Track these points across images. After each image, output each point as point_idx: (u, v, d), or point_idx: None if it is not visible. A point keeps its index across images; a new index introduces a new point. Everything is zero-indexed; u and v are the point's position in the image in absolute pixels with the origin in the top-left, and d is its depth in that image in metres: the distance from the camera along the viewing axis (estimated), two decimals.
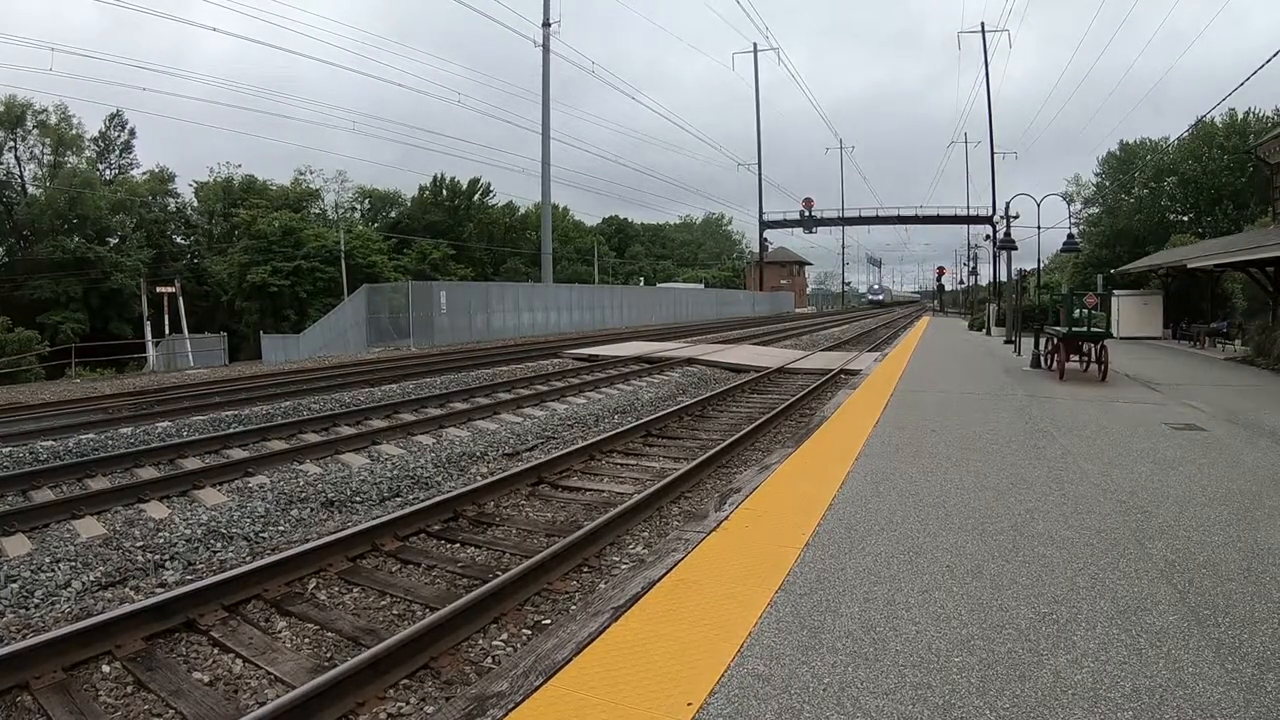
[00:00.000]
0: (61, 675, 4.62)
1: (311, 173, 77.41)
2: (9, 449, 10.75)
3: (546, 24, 35.37)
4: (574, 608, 5.45)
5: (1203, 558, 4.89)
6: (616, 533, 7.10)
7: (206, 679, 4.72)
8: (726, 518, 5.82)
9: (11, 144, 58.47)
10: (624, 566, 6.33)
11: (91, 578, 6.29)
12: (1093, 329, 15.39)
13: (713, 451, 9.84)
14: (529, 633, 5.22)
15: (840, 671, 3.45)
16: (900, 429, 9.38)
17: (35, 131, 57.51)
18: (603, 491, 8.75)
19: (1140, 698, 3.20)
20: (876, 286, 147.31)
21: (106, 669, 4.79)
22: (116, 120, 63.86)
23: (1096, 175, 58.22)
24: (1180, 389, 13.55)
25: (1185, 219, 50.39)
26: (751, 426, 11.60)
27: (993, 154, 62.67)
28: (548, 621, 5.35)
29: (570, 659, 3.63)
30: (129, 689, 4.61)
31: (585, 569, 6.37)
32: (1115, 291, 28.76)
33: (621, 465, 10.00)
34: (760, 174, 75.89)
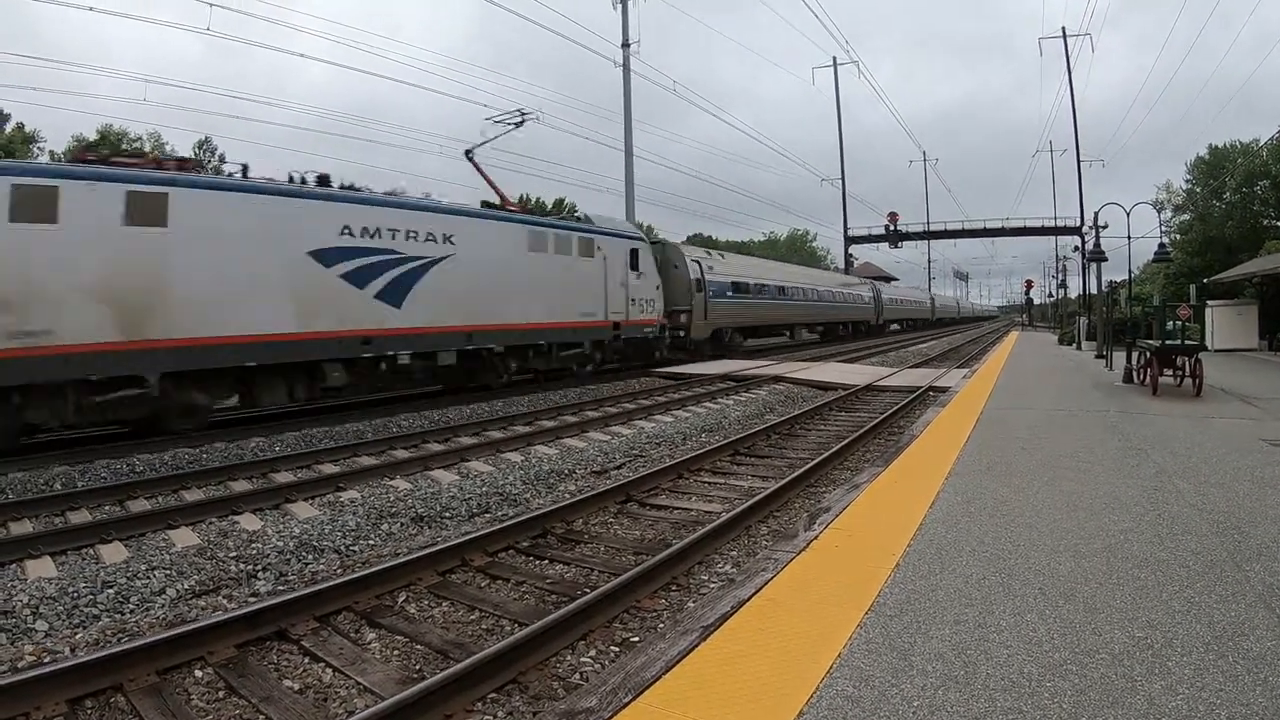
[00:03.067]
0: (155, 679, 4.69)
1: (400, 191, 79.36)
2: (107, 460, 11.12)
3: (626, 44, 35.62)
4: (662, 626, 5.36)
5: None
6: (705, 552, 6.96)
7: (297, 687, 4.73)
8: (816, 537, 5.68)
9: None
10: (713, 585, 6.18)
11: (186, 586, 6.41)
12: (1186, 342, 14.77)
13: (801, 470, 9.62)
14: (617, 650, 5.13)
15: (930, 695, 3.32)
16: (990, 447, 9.05)
17: None
18: (691, 510, 8.61)
19: None
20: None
21: (199, 674, 4.85)
22: (206, 145, 66.31)
23: (1186, 181, 56.18)
24: (1278, 403, 12.83)
25: (1279, 224, 48.22)
26: (840, 445, 11.33)
27: (1079, 161, 60.62)
28: (636, 639, 5.25)
29: (659, 677, 3.57)
30: (220, 694, 4.65)
31: (674, 587, 6.24)
32: (1209, 302, 27.51)
33: (710, 484, 9.84)
34: (844, 189, 74.86)
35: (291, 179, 15.08)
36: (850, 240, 76.15)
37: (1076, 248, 55.46)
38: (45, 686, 4.39)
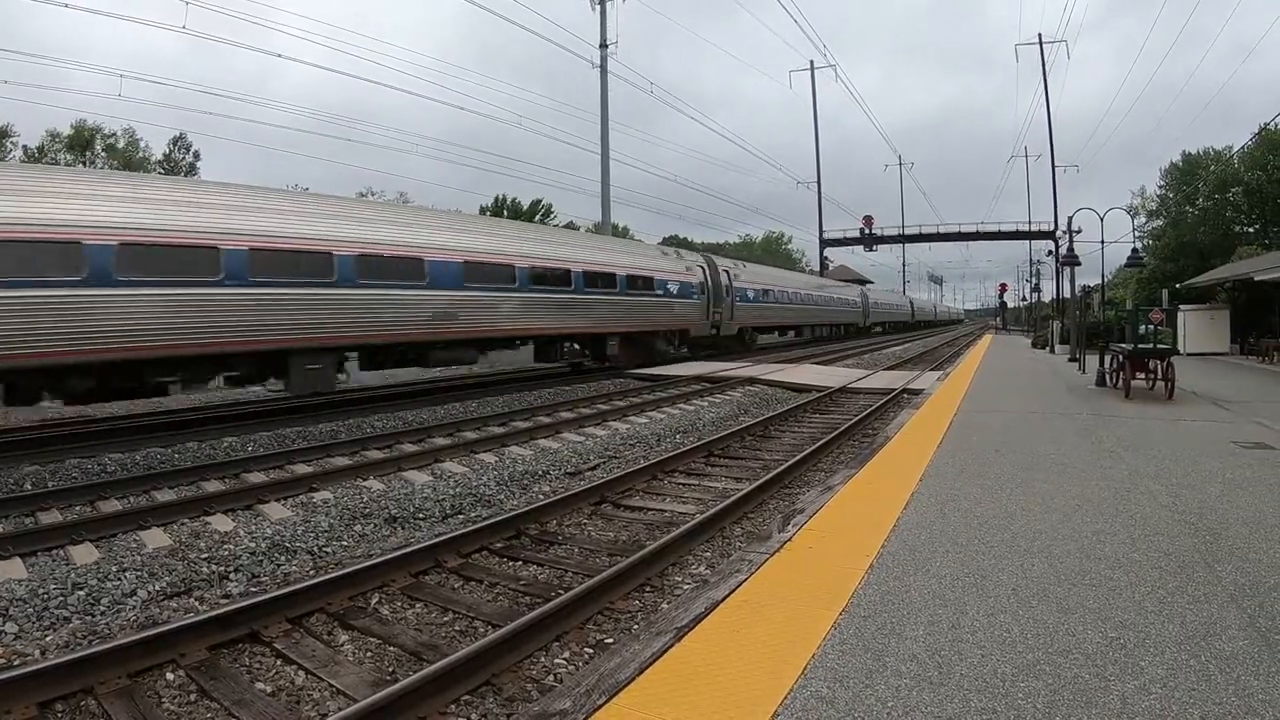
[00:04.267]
0: (126, 681, 4.67)
1: (374, 194, 78.77)
2: (78, 459, 11.01)
3: (604, 45, 35.54)
4: (637, 627, 5.39)
5: (1273, 581, 4.67)
6: (679, 553, 6.98)
7: (269, 689, 4.72)
8: (790, 539, 5.72)
9: (81, 165, 60.48)
10: (687, 586, 6.21)
11: (157, 587, 6.36)
12: (1159, 345, 14.95)
13: (776, 472, 9.66)
14: (591, 651, 5.14)
15: (905, 695, 3.36)
16: (964, 450, 9.14)
17: (104, 154, 59.19)
18: (665, 511, 8.63)
19: None
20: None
21: (170, 677, 4.82)
22: (181, 143, 65.37)
23: (1160, 187, 56.91)
24: (1249, 406, 13.02)
25: (1251, 230, 48.95)
26: (814, 447, 11.41)
27: (1054, 167, 61.06)
28: (610, 640, 5.27)
29: (633, 678, 3.58)
30: (192, 697, 4.63)
31: (648, 588, 6.26)
32: (1181, 307, 27.86)
33: (684, 485, 9.87)
34: (820, 191, 75.05)
35: None
36: (825, 243, 76.36)
37: (1050, 252, 55.91)
38: (14, 689, 4.35)
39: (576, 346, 24.31)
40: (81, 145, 57.27)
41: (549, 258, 21.91)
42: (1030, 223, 68.07)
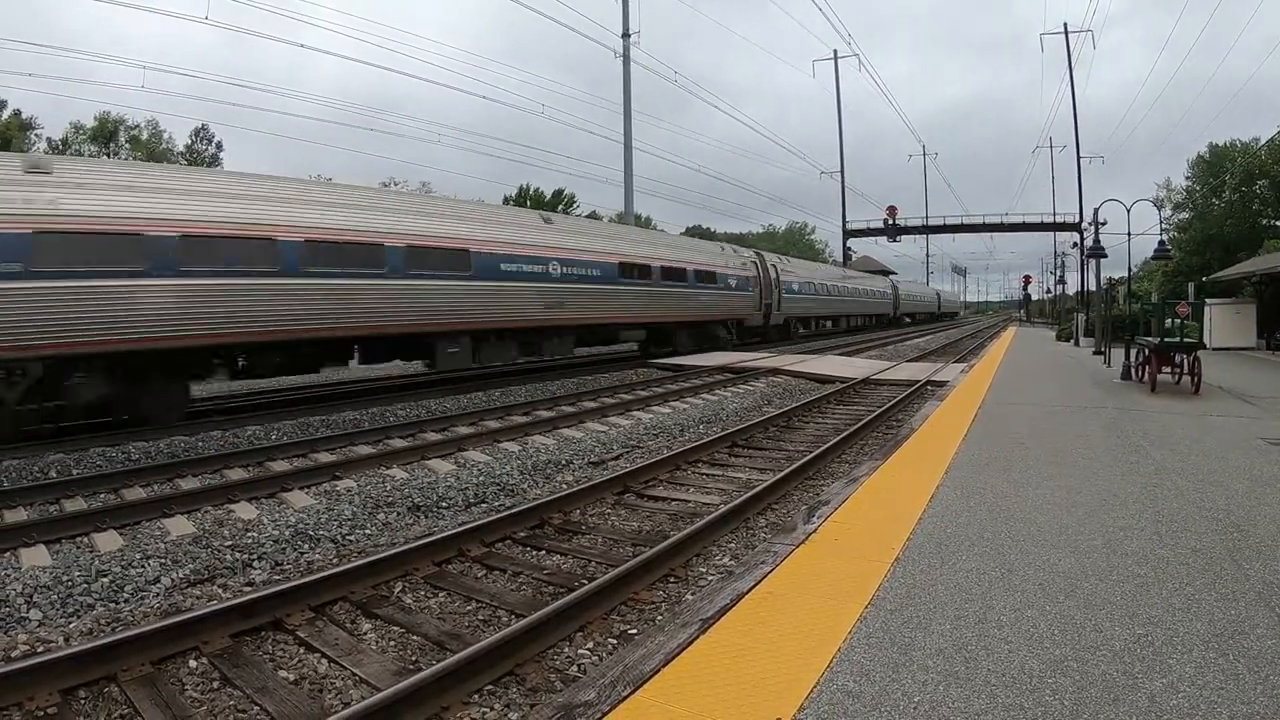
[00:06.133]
0: (149, 669, 4.66)
1: (396, 184, 79.05)
2: (102, 448, 11.07)
3: (626, 34, 35.29)
4: (661, 618, 5.34)
5: None
6: (703, 544, 6.93)
7: (292, 678, 4.70)
8: (815, 530, 5.66)
9: (105, 158, 60.98)
10: (711, 578, 6.15)
11: (180, 575, 6.38)
12: (1185, 339, 14.70)
13: (800, 463, 9.59)
14: (615, 642, 5.10)
15: (932, 690, 3.31)
16: (989, 442, 9.03)
17: (127, 146, 59.67)
18: (689, 502, 8.57)
19: None
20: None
21: (193, 664, 4.82)
22: (203, 134, 65.79)
23: (1186, 179, 56.17)
24: (1276, 402, 12.75)
25: (1278, 223, 48.18)
26: (838, 438, 11.31)
27: (1079, 157, 60.53)
28: (634, 631, 5.23)
29: (658, 670, 3.54)
30: (215, 684, 4.61)
31: (671, 579, 6.20)
32: (1207, 300, 27.47)
33: (707, 475, 9.81)
34: (843, 182, 74.68)
35: None
36: (849, 234, 76.03)
37: (1075, 244, 55.38)
38: (38, 676, 4.36)
39: (643, 335, 26.77)
40: (105, 137, 57.72)
41: (634, 255, 25.01)
42: (1055, 214, 67.42)
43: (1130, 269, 28.44)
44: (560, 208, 76.29)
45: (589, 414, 14.36)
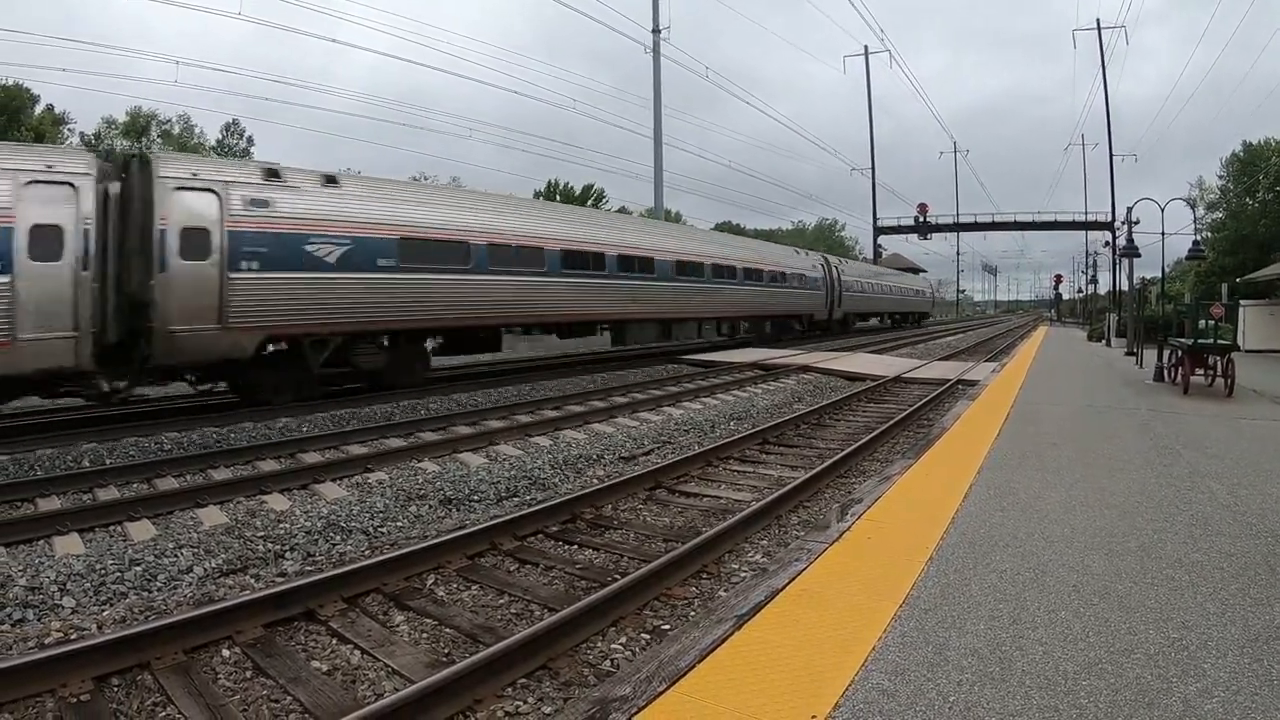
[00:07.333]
0: (182, 657, 4.66)
1: (426, 179, 79.60)
2: (135, 438, 11.15)
3: (656, 30, 35.33)
4: (694, 614, 5.29)
5: None
6: (735, 540, 6.87)
7: (325, 668, 4.68)
8: (848, 528, 5.65)
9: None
10: (744, 574, 6.10)
11: (213, 564, 6.39)
12: (1219, 341, 14.50)
13: (831, 460, 9.51)
14: (648, 637, 5.06)
15: (966, 691, 3.30)
16: (1021, 442, 8.96)
17: (159, 140, 60.18)
18: (720, 498, 8.51)
19: None
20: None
21: (226, 653, 4.82)
22: (234, 129, 66.24)
23: (1220, 178, 55.19)
24: None
25: None
26: (870, 436, 11.20)
27: (1111, 155, 59.76)
28: (667, 627, 5.19)
29: (693, 666, 3.54)
30: (248, 674, 4.61)
31: (704, 575, 6.15)
32: (1242, 302, 26.98)
33: (739, 472, 9.73)
34: (874, 178, 74.28)
35: None
36: (879, 231, 75.61)
37: (1107, 243, 54.74)
38: (72, 664, 4.36)
39: (726, 328, 32.00)
40: (137, 132, 58.27)
41: (724, 257, 29.08)
42: (1087, 213, 66.55)
43: (1164, 269, 28.01)
44: (590, 203, 76.32)
45: (619, 409, 14.34)
